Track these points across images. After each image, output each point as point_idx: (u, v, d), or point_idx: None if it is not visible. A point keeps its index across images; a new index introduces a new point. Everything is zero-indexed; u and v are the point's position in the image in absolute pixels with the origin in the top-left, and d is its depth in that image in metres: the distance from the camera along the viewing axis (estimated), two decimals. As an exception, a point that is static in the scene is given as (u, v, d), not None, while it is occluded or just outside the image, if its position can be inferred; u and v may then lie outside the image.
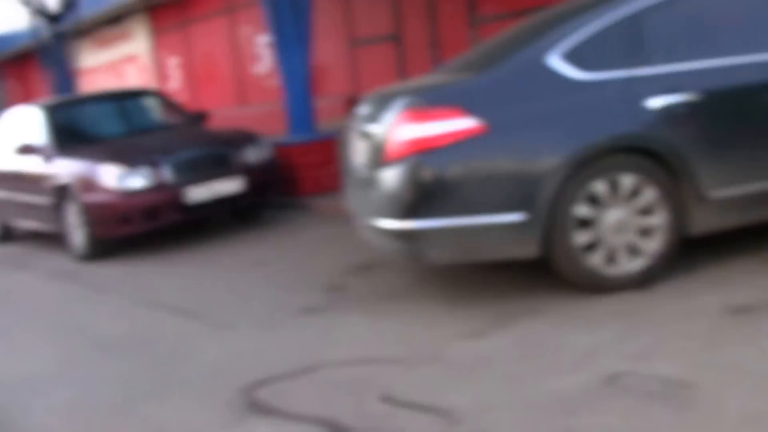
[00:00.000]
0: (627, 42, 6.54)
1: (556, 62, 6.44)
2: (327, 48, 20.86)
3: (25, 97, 37.26)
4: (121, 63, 32.70)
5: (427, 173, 6.29)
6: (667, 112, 6.37)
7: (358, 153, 7.43)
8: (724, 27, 6.88)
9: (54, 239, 12.70)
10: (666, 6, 6.68)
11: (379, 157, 6.73)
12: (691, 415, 4.44)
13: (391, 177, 6.51)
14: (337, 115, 20.52)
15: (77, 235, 11.41)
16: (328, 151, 12.79)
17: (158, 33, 29.61)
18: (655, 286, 6.44)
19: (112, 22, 31.59)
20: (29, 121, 13.22)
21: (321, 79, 21.35)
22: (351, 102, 20.19)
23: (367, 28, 20.23)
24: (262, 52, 23.75)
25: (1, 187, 13.79)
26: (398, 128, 6.48)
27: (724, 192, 6.49)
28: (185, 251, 10.97)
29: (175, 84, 29.09)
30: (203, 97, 27.32)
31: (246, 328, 7.28)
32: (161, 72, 29.89)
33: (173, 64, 29.05)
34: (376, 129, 6.92)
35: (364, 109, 7.48)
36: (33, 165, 12.43)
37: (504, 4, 16.57)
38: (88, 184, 11.10)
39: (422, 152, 6.31)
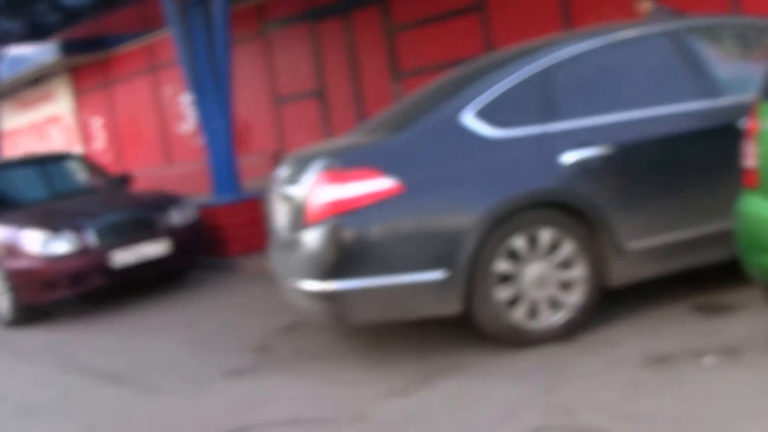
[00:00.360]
0: (539, 98, 6.67)
1: (471, 120, 6.55)
2: (251, 105, 20.93)
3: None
4: (44, 124, 32.47)
5: (347, 234, 6.34)
6: (582, 166, 6.49)
7: (279, 215, 7.47)
8: (632, 81, 7.06)
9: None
10: (574, 62, 6.86)
11: (300, 219, 6.78)
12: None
13: (311, 239, 6.55)
14: (263, 172, 20.56)
15: (2, 301, 11.28)
16: (254, 210, 12.78)
17: (81, 93, 29.49)
18: (577, 338, 6.54)
19: (34, 83, 31.38)
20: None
21: (246, 137, 21.41)
22: (277, 159, 20.26)
23: (291, 84, 20.31)
24: (185, 111, 23.75)
25: None
26: (317, 190, 6.54)
27: (642, 243, 6.63)
28: (113, 315, 10.87)
29: (99, 144, 28.96)
30: (128, 157, 27.22)
31: (174, 391, 7.24)
32: (85, 132, 29.75)
33: (97, 124, 28.93)
34: (295, 191, 6.97)
35: (283, 171, 7.53)
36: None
37: (424, 58, 16.73)
38: (12, 250, 11.00)
39: (341, 213, 6.36)
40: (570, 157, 6.50)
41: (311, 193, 6.61)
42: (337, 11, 19.18)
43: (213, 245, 12.84)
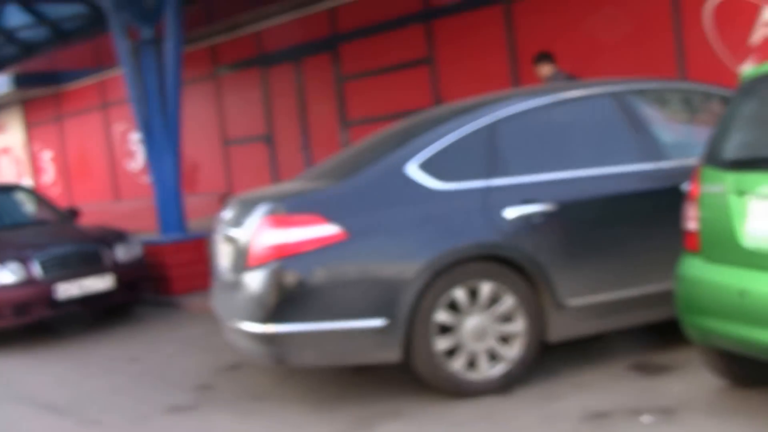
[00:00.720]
0: (484, 153, 6.80)
1: (415, 172, 6.66)
2: (200, 146, 20.95)
3: None
4: (-6, 154, 32.25)
5: (289, 278, 6.42)
6: (524, 221, 6.60)
7: (223, 256, 7.52)
8: (577, 139, 7.26)
9: None
10: (520, 118, 7.00)
11: (243, 262, 6.83)
12: None
13: (253, 281, 6.62)
14: (210, 212, 20.55)
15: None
16: (199, 250, 12.83)
17: (32, 126, 29.39)
18: (515, 391, 6.60)
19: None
20: None
21: (194, 177, 21.41)
22: (224, 200, 20.27)
23: (240, 127, 20.39)
24: (134, 148, 23.73)
25: None
26: (260, 234, 6.61)
27: (582, 300, 6.73)
28: (56, 347, 10.82)
29: (48, 177, 28.84)
30: (77, 191, 27.12)
31: (114, 425, 7.25)
32: (35, 165, 29.61)
33: (47, 157, 28.82)
34: (239, 233, 7.03)
35: (228, 213, 7.59)
36: None
37: (372, 107, 16.85)
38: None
39: (284, 258, 6.44)
40: (513, 212, 6.60)
41: (255, 236, 6.68)
42: (288, 57, 19.28)
43: (157, 282, 12.83)
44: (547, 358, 7.01)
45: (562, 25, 13.52)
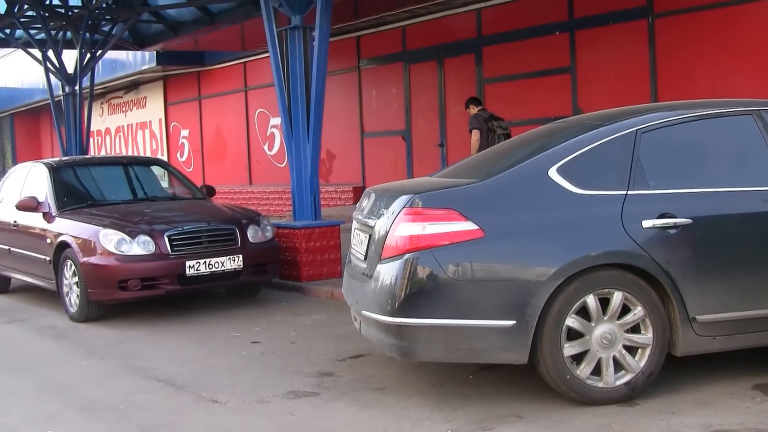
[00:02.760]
0: (624, 162, 6.72)
1: (557, 176, 6.60)
2: (338, 136, 21.11)
3: (35, 152, 37.49)
4: (132, 129, 32.91)
5: (423, 272, 6.39)
6: (659, 233, 6.51)
7: (357, 245, 7.55)
8: (716, 156, 7.19)
9: (50, 295, 12.77)
10: (662, 130, 6.92)
11: (377, 252, 6.84)
12: None
13: (387, 272, 6.61)
14: (341, 202, 20.75)
15: (72, 294, 11.48)
16: (330, 237, 12.92)
17: (172, 104, 29.90)
18: (637, 402, 6.51)
19: (128, 88, 31.86)
20: (34, 179, 13.38)
21: (330, 166, 21.59)
22: (358, 191, 20.45)
23: (379, 121, 20.52)
24: (272, 133, 23.96)
25: (1, 238, 13.89)
26: (398, 226, 6.60)
27: (710, 316, 6.60)
28: (179, 322, 11.01)
29: (182, 155, 29.28)
30: (210, 170, 27.53)
31: (232, 405, 7.30)
32: (170, 142, 30.11)
33: (183, 135, 29.27)
34: (376, 224, 7.03)
35: (366, 203, 7.60)
36: (34, 220, 12.54)
37: (511, 112, 16.81)
38: (87, 247, 11.19)
39: (419, 251, 6.43)
40: (649, 224, 6.51)
41: (391, 227, 6.67)
42: (431, 55, 19.35)
43: (286, 267, 12.97)
44: (671, 373, 6.91)
45: (702, 41, 13.41)
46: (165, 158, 29.15)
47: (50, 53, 22.02)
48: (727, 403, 6.44)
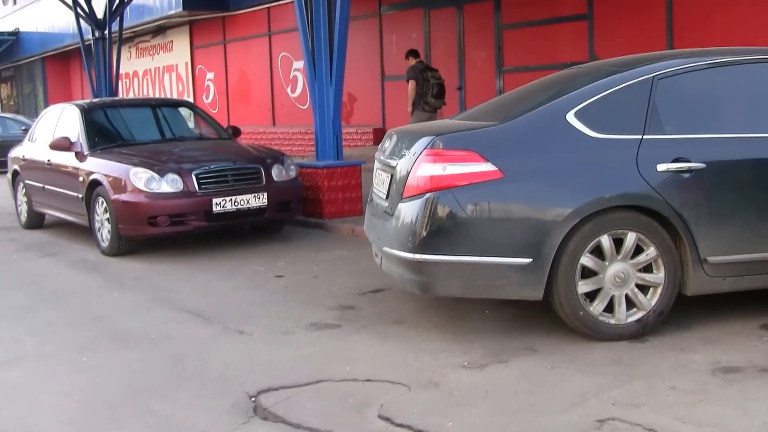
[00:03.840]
0: (640, 107, 6.85)
1: (575, 120, 6.75)
2: (359, 80, 21.19)
3: (65, 95, 37.73)
4: (159, 72, 33.03)
5: (443, 210, 6.60)
6: (673, 176, 6.66)
7: (380, 185, 7.75)
8: (733, 102, 7.27)
9: (82, 230, 13.07)
10: (679, 76, 7.04)
11: (399, 191, 7.04)
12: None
13: (408, 211, 6.82)
14: (361, 144, 20.91)
15: (104, 230, 11.76)
16: (352, 176, 13.12)
17: (198, 47, 29.97)
18: (648, 339, 6.72)
19: (155, 32, 31.95)
20: (67, 119, 13.62)
21: (350, 109, 21.71)
22: (378, 132, 20.60)
23: (398, 65, 20.59)
24: (295, 77, 24.06)
25: (36, 176, 14.16)
26: (419, 166, 6.79)
27: (721, 257, 6.78)
28: (206, 257, 11.26)
29: (208, 97, 29.41)
30: (235, 112, 27.67)
31: (258, 335, 7.53)
32: (197, 85, 30.23)
33: (209, 78, 29.38)
34: (397, 164, 7.23)
35: (388, 144, 7.77)
36: (67, 159, 12.80)
37: (528, 58, 16.90)
38: (118, 184, 11.44)
39: (439, 190, 6.63)
40: (664, 167, 6.66)
41: (414, 167, 6.85)
42: (451, 2, 19.37)
43: (309, 205, 13.21)
44: (681, 312, 7.09)
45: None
46: (191, 100, 29.31)
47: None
48: (735, 342, 6.61)
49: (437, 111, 16.82)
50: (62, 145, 12.75)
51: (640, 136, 6.75)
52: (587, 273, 6.68)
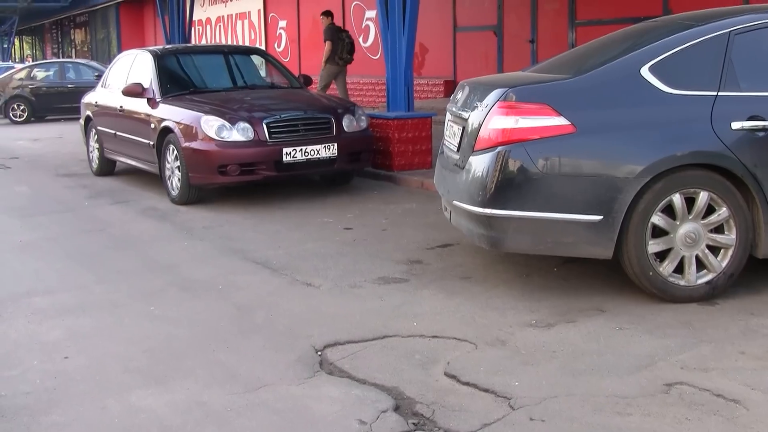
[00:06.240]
0: (715, 63, 6.71)
1: (649, 75, 6.64)
2: (431, 31, 21.10)
3: (139, 42, 37.98)
4: (232, 19, 33.16)
5: (515, 164, 6.53)
6: (748, 135, 6.54)
7: (450, 137, 7.69)
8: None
9: (153, 178, 13.16)
10: (756, 32, 6.87)
11: (470, 144, 6.97)
12: None
13: (479, 164, 6.76)
14: (432, 95, 20.84)
15: (174, 178, 11.83)
16: (422, 128, 13.08)
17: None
18: (717, 302, 6.64)
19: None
20: (140, 66, 13.67)
21: (422, 60, 21.62)
22: (449, 85, 20.50)
23: (471, 16, 20.46)
24: (367, 26, 24.03)
25: (108, 122, 14.26)
26: (492, 118, 6.72)
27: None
28: (275, 207, 11.27)
29: (280, 45, 29.46)
30: (306, 61, 27.67)
31: (325, 287, 7.56)
32: (269, 32, 30.29)
33: (281, 26, 29.40)
34: (469, 116, 7.15)
35: (460, 96, 7.69)
36: (139, 106, 12.86)
37: (602, 11, 16.70)
38: (189, 132, 11.47)
39: (511, 143, 6.56)
40: (738, 125, 6.53)
41: (486, 120, 6.78)
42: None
43: (379, 156, 13.19)
44: (752, 275, 7.00)
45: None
46: (263, 48, 29.35)
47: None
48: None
49: (346, 65, 19.49)
50: (135, 91, 12.81)
51: (715, 93, 6.63)
52: (658, 232, 6.59)
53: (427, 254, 8.49)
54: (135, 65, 13.89)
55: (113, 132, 13.96)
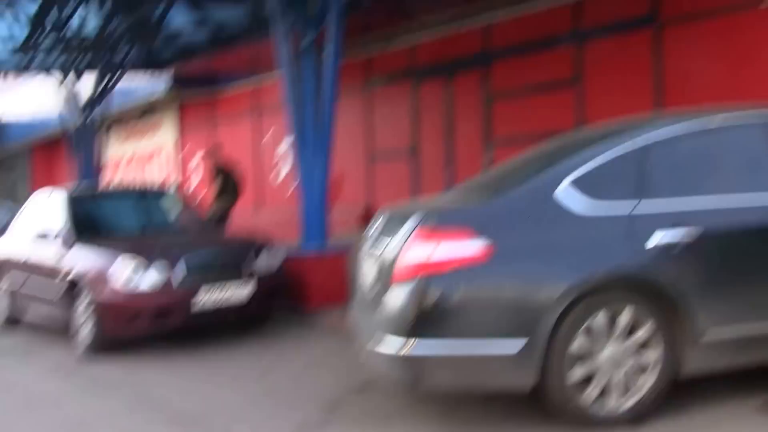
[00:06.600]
0: (633, 176, 6.68)
1: (564, 193, 6.57)
2: (346, 157, 21.05)
3: (51, 182, 37.65)
4: (147, 154, 33.12)
5: (432, 297, 6.37)
6: (669, 248, 6.47)
7: (367, 273, 7.52)
8: (728, 168, 7.06)
9: (59, 331, 12.72)
10: (672, 142, 6.87)
11: (387, 278, 6.81)
12: None
13: (395, 299, 6.60)
14: (350, 224, 20.70)
15: (84, 329, 11.46)
16: (339, 263, 12.87)
17: (185, 128, 30.00)
18: (644, 424, 6.52)
19: (143, 114, 32.03)
20: (51, 208, 13.40)
21: (338, 189, 21.52)
22: (366, 213, 20.40)
23: (387, 140, 20.48)
24: (282, 156, 24.01)
25: (10, 275, 13.93)
26: (410, 246, 6.56)
27: (721, 332, 6.56)
28: (188, 355, 11.01)
29: (196, 179, 29.41)
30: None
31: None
32: (184, 166, 30.25)
33: (196, 159, 29.36)
34: (386, 247, 7.02)
35: (376, 228, 7.61)
36: (49, 253, 12.53)
37: (518, 127, 16.76)
38: (101, 279, 11.21)
39: (430, 274, 6.41)
40: (658, 239, 6.47)
41: (404, 248, 6.63)
42: (440, 72, 19.28)
43: (294, 293, 12.95)
44: (677, 394, 6.85)
45: (712, 52, 13.27)
46: (179, 181, 29.25)
47: (66, 81, 22.20)
48: (736, 424, 6.49)
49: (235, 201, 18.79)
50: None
51: (632, 207, 6.59)
52: (580, 357, 6.45)
53: (346, 397, 8.26)
54: (46, 208, 13.61)
55: (18, 283, 13.64)
